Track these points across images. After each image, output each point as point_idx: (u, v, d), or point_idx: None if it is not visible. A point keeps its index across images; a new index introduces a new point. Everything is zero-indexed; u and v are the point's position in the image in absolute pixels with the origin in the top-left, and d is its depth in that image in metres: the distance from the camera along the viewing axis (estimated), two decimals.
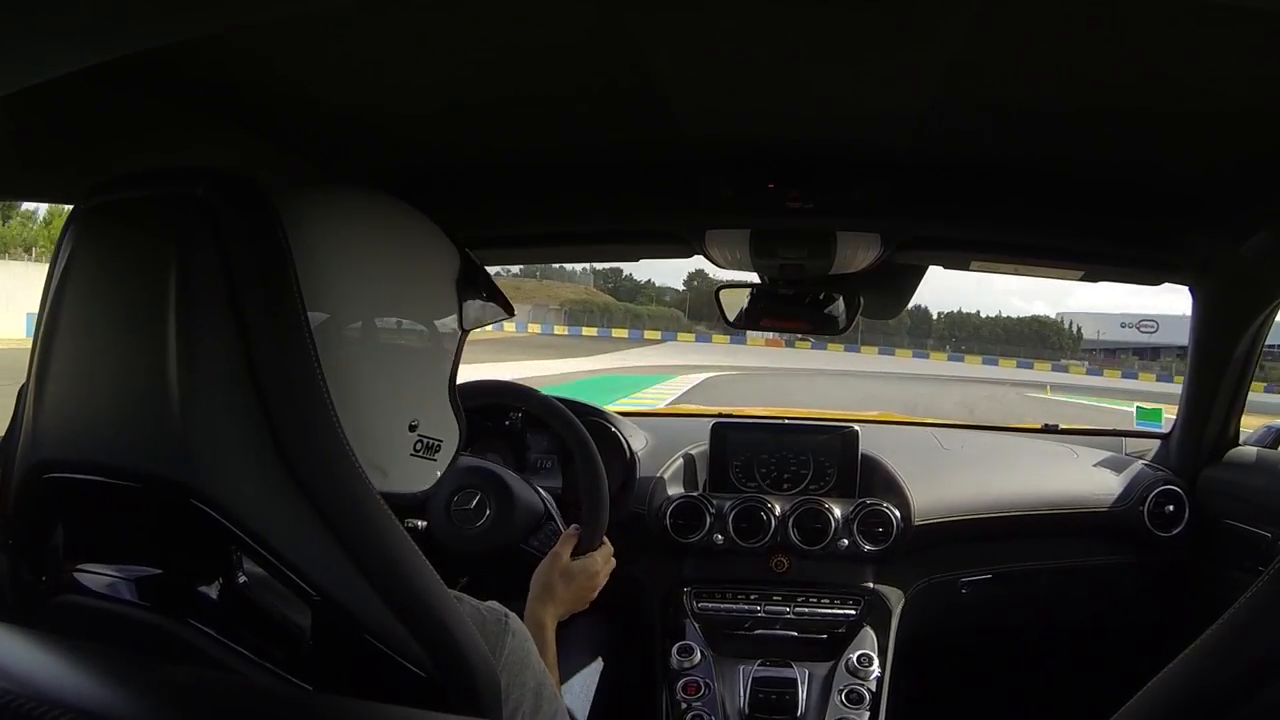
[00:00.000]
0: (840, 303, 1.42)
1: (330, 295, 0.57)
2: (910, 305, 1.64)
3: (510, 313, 0.73)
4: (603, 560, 1.07)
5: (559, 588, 1.01)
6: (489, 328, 0.77)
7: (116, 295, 0.52)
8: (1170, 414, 1.74)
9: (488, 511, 1.13)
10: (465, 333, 0.68)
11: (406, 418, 0.63)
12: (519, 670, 0.62)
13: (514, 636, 0.63)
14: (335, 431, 0.52)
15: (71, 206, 0.56)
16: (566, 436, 1.12)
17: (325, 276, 0.56)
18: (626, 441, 1.49)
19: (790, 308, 1.44)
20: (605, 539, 1.08)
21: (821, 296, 1.42)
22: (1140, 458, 1.59)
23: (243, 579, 0.52)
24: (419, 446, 0.64)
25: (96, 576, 0.53)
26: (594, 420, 1.46)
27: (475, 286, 0.68)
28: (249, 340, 0.49)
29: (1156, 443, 1.62)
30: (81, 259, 0.53)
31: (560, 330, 41.30)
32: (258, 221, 0.51)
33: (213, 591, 0.52)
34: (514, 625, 0.64)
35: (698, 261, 1.92)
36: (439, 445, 0.66)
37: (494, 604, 0.65)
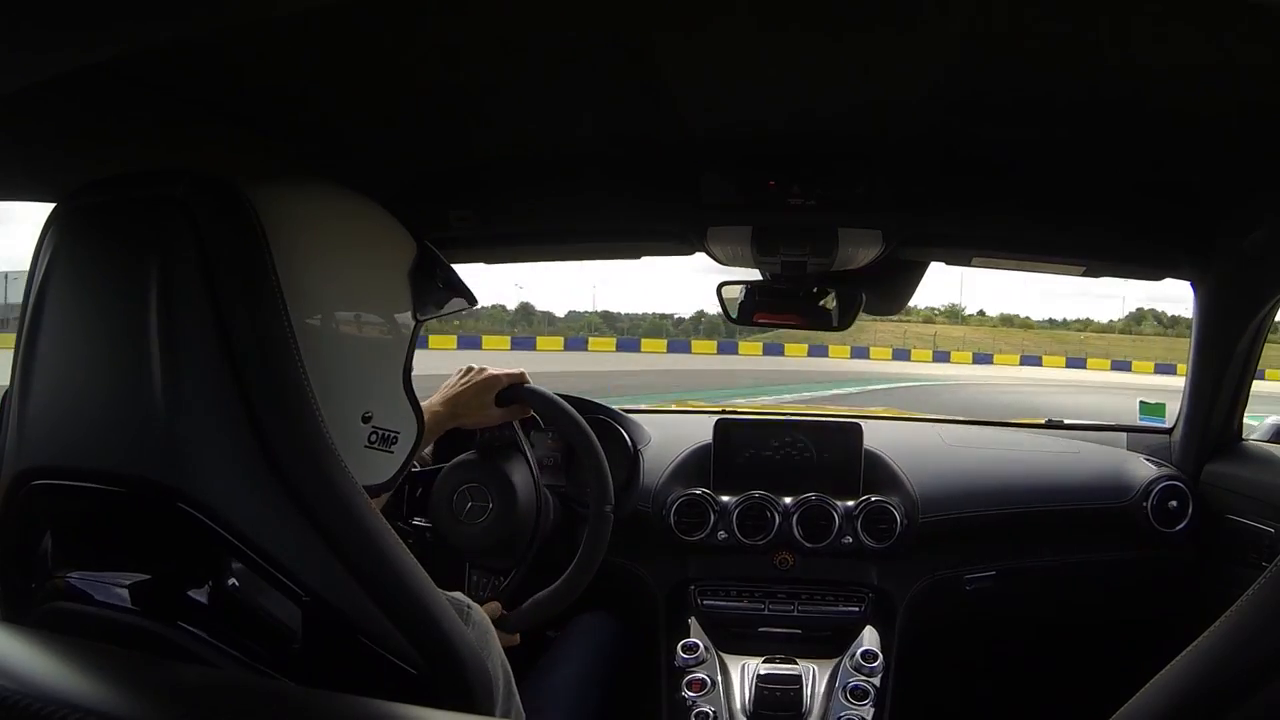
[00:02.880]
0: (833, 298, 1.42)
1: (283, 283, 0.56)
2: None
3: (473, 302, 0.72)
4: (503, 643, 1.07)
5: None
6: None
7: (98, 298, 0.51)
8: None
9: (490, 508, 1.13)
10: (420, 323, 0.67)
11: (358, 409, 0.62)
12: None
13: (475, 626, 0.63)
14: (320, 430, 0.51)
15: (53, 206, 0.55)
16: (589, 516, 1.10)
17: (278, 264, 0.55)
18: (631, 439, 1.49)
19: (783, 302, 1.44)
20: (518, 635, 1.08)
21: (814, 291, 1.42)
22: (1143, 453, 1.58)
23: (232, 581, 0.52)
24: (374, 438, 0.64)
25: (86, 582, 0.53)
26: (599, 418, 1.45)
27: (430, 277, 0.68)
28: (231, 341, 0.49)
29: (1160, 438, 1.61)
30: (62, 262, 0.53)
31: None
32: (237, 222, 0.51)
33: (202, 595, 0.52)
34: (476, 615, 0.64)
35: None
36: (395, 437, 0.65)
37: (458, 595, 0.65)
